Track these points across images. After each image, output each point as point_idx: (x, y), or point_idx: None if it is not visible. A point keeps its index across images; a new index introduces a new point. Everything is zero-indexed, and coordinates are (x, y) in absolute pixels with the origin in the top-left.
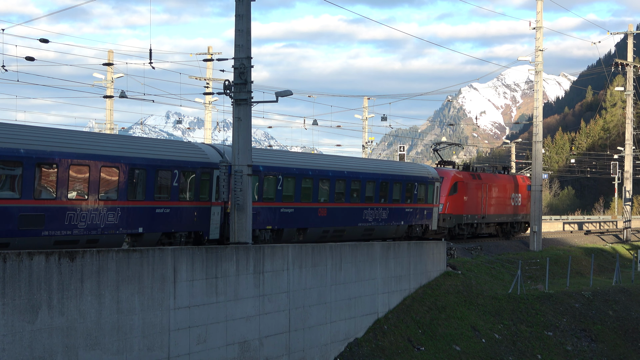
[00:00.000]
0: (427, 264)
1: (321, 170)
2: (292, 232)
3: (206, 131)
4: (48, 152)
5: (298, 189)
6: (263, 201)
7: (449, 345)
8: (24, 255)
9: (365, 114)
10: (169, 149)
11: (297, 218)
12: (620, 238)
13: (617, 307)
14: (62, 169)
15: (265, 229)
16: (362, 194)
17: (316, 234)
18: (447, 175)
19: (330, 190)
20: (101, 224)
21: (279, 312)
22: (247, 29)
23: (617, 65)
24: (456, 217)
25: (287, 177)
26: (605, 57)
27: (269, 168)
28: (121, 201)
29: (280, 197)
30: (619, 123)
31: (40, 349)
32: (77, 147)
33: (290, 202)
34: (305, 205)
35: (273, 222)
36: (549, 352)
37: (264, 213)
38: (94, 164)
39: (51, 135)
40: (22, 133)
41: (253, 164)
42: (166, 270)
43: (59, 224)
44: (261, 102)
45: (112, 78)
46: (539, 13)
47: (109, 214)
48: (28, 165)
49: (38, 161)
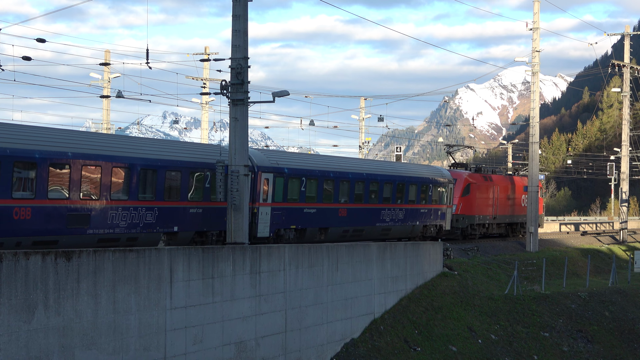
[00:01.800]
0: (424, 264)
1: (342, 172)
2: (314, 231)
3: (203, 131)
4: (93, 155)
5: (320, 190)
6: (287, 202)
7: (445, 346)
8: (21, 255)
9: (362, 115)
10: (201, 152)
11: (319, 218)
12: (616, 239)
13: (614, 308)
14: (106, 172)
15: (290, 228)
16: (380, 195)
17: (337, 234)
18: (460, 177)
19: (350, 192)
20: (140, 223)
21: (275, 313)
22: (244, 29)
23: (614, 66)
24: (469, 217)
25: (310, 179)
26: (602, 58)
27: (293, 170)
28: (158, 201)
29: (303, 198)
30: (616, 124)
31: (36, 349)
32: (119, 150)
33: (312, 202)
34: (327, 205)
35: (297, 221)
36: (545, 352)
37: (288, 213)
38: (133, 167)
39: (95, 140)
40: (69, 138)
41: (278, 166)
42: (163, 270)
43: (102, 223)
44: (258, 103)
45: (108, 78)
46: (536, 14)
47: (147, 213)
48: (75, 168)
49: (84, 164)
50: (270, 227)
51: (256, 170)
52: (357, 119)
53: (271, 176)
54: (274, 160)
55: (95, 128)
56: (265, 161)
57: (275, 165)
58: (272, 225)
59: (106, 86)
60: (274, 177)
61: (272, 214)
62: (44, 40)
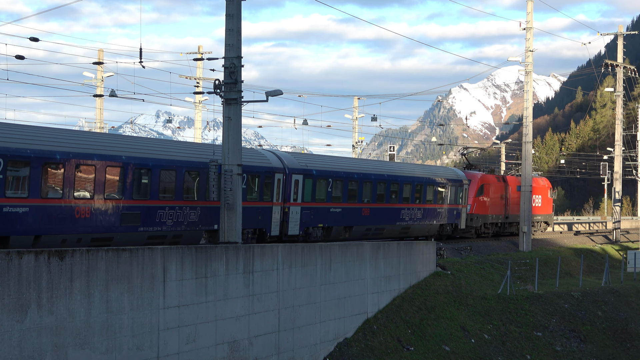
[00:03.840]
0: (417, 264)
1: (365, 174)
2: (339, 229)
3: (196, 130)
4: (144, 159)
5: (345, 190)
6: (315, 202)
7: (438, 346)
8: (14, 254)
9: (356, 114)
10: None
11: (344, 217)
12: (609, 239)
13: (606, 308)
14: (155, 174)
15: (317, 226)
16: (400, 195)
17: (360, 232)
18: (475, 178)
19: (372, 192)
20: (184, 221)
21: (268, 312)
22: (237, 28)
23: (607, 66)
24: (482, 217)
25: (336, 180)
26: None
27: (321, 172)
28: (200, 201)
29: (330, 198)
30: (609, 124)
31: (29, 348)
32: (167, 154)
33: (338, 202)
34: (351, 205)
35: (324, 220)
36: (538, 352)
37: (316, 212)
38: (179, 169)
39: (145, 144)
40: (121, 142)
41: (307, 168)
42: (156, 269)
43: (151, 221)
44: (251, 102)
45: (102, 77)
46: (529, 14)
47: (191, 212)
48: (128, 170)
49: (136, 166)
50: (300, 225)
51: (287, 172)
52: (351, 118)
53: (301, 177)
54: (303, 162)
55: (88, 127)
56: (295, 163)
57: (304, 167)
58: (301, 224)
59: (99, 85)
60: (303, 178)
61: (302, 213)
62: (37, 39)
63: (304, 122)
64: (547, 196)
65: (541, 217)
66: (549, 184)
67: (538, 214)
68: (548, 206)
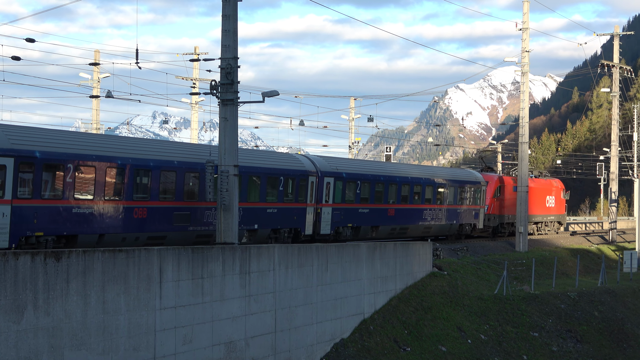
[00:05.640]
0: (413, 264)
1: (390, 176)
2: (367, 229)
3: (193, 131)
4: (193, 164)
5: (372, 192)
6: (345, 203)
7: (434, 346)
8: (10, 255)
9: (352, 115)
10: (276, 160)
11: (371, 217)
12: (605, 239)
13: (603, 308)
14: (203, 177)
15: (347, 226)
16: (423, 196)
17: (386, 231)
18: (492, 180)
19: (397, 194)
20: None
21: (265, 313)
22: (233, 29)
23: (603, 66)
24: (499, 217)
25: (364, 182)
26: (591, 58)
27: (350, 175)
28: (242, 202)
29: (358, 199)
30: (605, 124)
31: (25, 349)
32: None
33: (366, 203)
34: (378, 206)
35: (353, 220)
36: (535, 352)
37: (346, 213)
38: None
39: (195, 150)
40: (175, 148)
41: (338, 171)
42: (152, 270)
43: (199, 221)
44: (247, 103)
45: (98, 78)
46: (526, 14)
47: None
48: (180, 174)
49: (187, 170)
50: (331, 225)
51: (320, 175)
52: (347, 119)
53: (332, 180)
54: (334, 165)
55: (84, 128)
56: (327, 167)
57: (335, 170)
58: (332, 224)
59: (96, 86)
60: (334, 180)
61: (333, 213)
62: (33, 40)
63: (300, 122)
64: (560, 197)
65: (555, 217)
66: (562, 185)
67: (552, 214)
68: (561, 207)
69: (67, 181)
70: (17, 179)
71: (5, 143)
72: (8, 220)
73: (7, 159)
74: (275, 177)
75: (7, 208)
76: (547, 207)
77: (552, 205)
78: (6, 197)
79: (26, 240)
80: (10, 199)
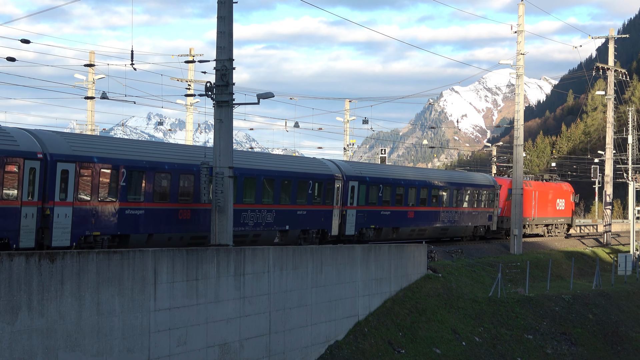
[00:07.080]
0: (408, 266)
1: (410, 180)
2: (388, 230)
3: (187, 133)
4: (234, 168)
5: (393, 195)
6: (368, 205)
7: (429, 348)
8: (4, 256)
9: (347, 117)
10: (305, 164)
11: (393, 219)
12: (600, 242)
13: (597, 311)
14: (240, 180)
15: (370, 227)
16: (440, 199)
17: (406, 232)
18: (505, 183)
19: (416, 197)
20: (262, 222)
21: (259, 315)
22: (229, 30)
23: (598, 69)
24: None
25: (386, 186)
26: (586, 61)
27: (373, 178)
28: (275, 205)
29: (380, 202)
30: (600, 127)
31: (20, 351)
32: (250, 164)
33: (387, 206)
34: (398, 208)
35: (375, 222)
36: (529, 355)
37: (369, 215)
38: (259, 177)
39: (235, 156)
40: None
41: (362, 175)
42: (147, 271)
43: (237, 222)
44: (242, 104)
45: (93, 79)
46: (521, 17)
47: (268, 215)
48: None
49: None
50: (355, 226)
51: (345, 178)
52: (342, 121)
53: (356, 184)
54: (358, 170)
55: (79, 129)
56: (351, 171)
57: (359, 174)
58: (356, 225)
59: (90, 87)
60: (359, 184)
61: (357, 215)
62: (28, 41)
63: (295, 124)
64: (569, 200)
65: (564, 220)
66: (571, 189)
67: (562, 216)
68: (570, 209)
69: (121, 185)
70: (78, 183)
71: (68, 150)
72: (70, 221)
73: (70, 164)
74: (305, 181)
75: (69, 210)
76: (558, 210)
77: (562, 208)
78: (68, 200)
79: (85, 239)
80: (72, 201)
